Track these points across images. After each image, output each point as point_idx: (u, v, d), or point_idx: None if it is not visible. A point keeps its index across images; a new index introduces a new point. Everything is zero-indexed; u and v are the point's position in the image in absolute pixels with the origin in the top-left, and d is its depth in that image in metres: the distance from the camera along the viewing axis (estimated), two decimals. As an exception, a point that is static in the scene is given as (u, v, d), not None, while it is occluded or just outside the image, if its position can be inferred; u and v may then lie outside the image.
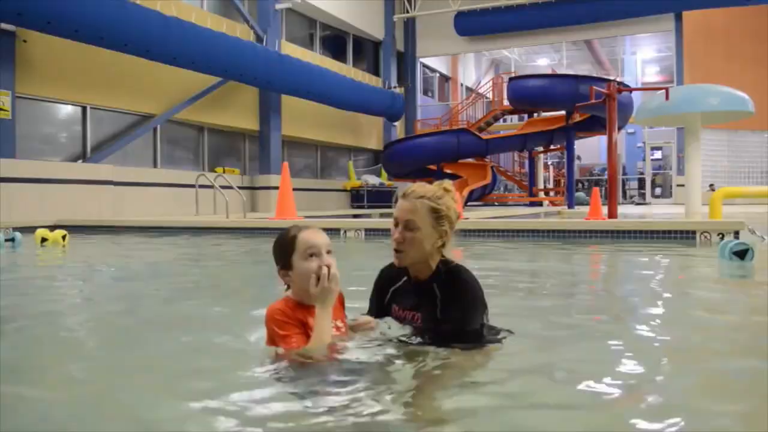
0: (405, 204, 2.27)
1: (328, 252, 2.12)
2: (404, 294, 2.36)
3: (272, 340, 2.09)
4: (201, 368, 2.21)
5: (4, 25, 10.95)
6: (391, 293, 2.41)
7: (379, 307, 2.45)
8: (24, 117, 11.86)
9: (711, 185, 19.17)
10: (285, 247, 2.12)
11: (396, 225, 2.28)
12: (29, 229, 8.70)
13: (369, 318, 2.33)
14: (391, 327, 2.32)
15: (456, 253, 2.36)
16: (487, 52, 29.30)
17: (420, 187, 2.31)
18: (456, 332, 2.19)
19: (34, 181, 11.42)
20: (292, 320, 2.07)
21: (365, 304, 2.55)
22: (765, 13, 20.61)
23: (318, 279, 2.07)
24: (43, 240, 7.76)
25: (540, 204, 21.10)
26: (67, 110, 13.06)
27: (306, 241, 2.09)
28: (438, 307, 2.24)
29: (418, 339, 2.23)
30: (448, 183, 2.34)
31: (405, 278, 2.37)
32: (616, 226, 7.96)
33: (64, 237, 7.86)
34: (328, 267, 2.08)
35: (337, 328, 2.18)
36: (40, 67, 11.98)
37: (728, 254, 5.08)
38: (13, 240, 7.71)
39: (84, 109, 13.24)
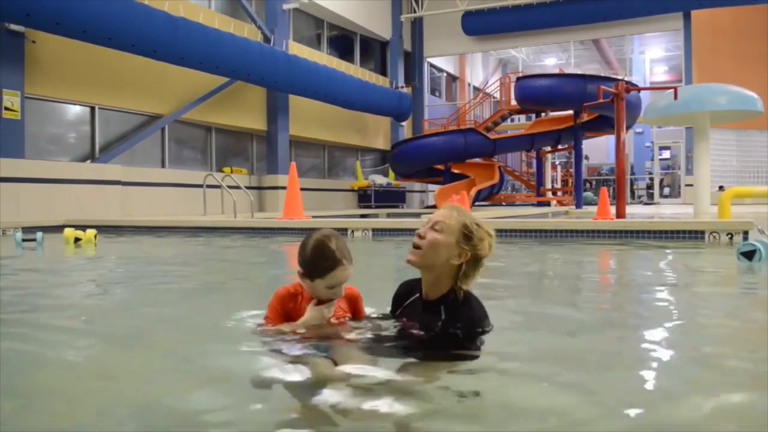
0: (444, 210, 2.35)
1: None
2: (413, 309, 2.41)
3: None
4: (204, 356, 2.28)
5: (13, 26, 11.00)
6: (402, 308, 2.48)
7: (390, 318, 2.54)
8: (33, 117, 11.92)
9: (720, 187, 19.05)
10: (316, 269, 2.30)
11: (426, 224, 2.35)
12: (36, 229, 8.75)
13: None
14: (378, 326, 2.43)
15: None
16: (495, 51, 29.24)
17: (465, 210, 2.37)
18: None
19: (43, 181, 11.47)
20: (284, 308, 2.37)
21: (370, 303, 2.59)
22: (774, 12, 20.50)
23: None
24: (76, 240, 7.86)
25: (547, 204, 21.03)
26: (75, 110, 13.12)
27: (335, 278, 2.30)
28: (438, 328, 2.28)
29: (394, 342, 2.31)
30: (490, 228, 2.35)
31: (417, 295, 2.41)
32: (624, 226, 7.93)
33: (95, 236, 8.00)
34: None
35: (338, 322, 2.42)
36: (48, 68, 12.04)
37: (736, 255, 5.06)
38: (34, 240, 7.72)
39: (92, 109, 13.29)
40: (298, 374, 1.97)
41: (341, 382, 1.89)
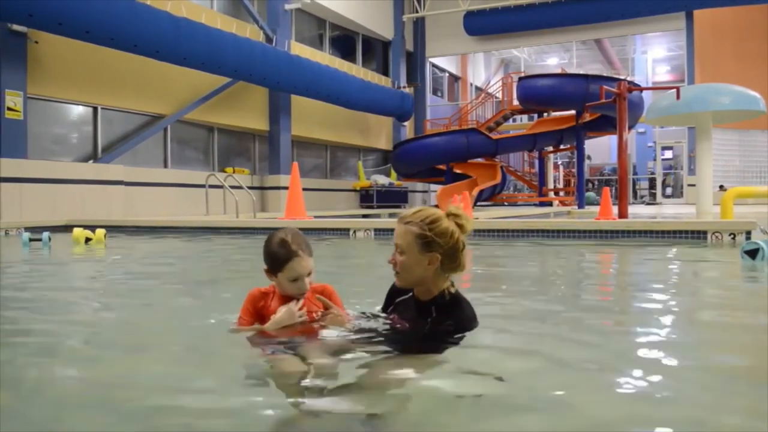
0: (396, 228, 2.36)
1: (309, 274, 2.42)
2: (406, 307, 2.45)
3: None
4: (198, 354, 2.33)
5: (16, 27, 11.03)
6: (395, 304, 2.52)
7: (383, 313, 2.57)
8: (35, 117, 11.93)
9: (721, 186, 18.99)
10: (276, 263, 2.41)
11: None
12: (39, 229, 8.76)
13: (339, 312, 2.48)
14: (360, 323, 2.47)
15: (466, 253, 2.38)
16: (497, 51, 29.23)
17: (414, 212, 2.35)
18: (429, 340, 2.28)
19: (46, 181, 11.49)
20: (255, 307, 2.48)
21: (370, 302, 2.60)
22: (777, 12, 20.46)
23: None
24: (87, 239, 7.89)
25: (550, 204, 21.02)
26: (78, 111, 13.14)
27: (293, 270, 2.39)
28: (428, 325, 2.31)
29: (377, 339, 2.34)
30: (457, 207, 2.37)
31: (411, 294, 2.45)
32: (626, 226, 7.92)
33: (104, 236, 8.09)
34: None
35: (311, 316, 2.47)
36: (51, 68, 12.06)
37: (740, 253, 5.06)
38: (40, 240, 7.71)
39: (95, 109, 13.31)
40: (268, 374, 2.04)
41: (307, 379, 1.92)
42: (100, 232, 8.11)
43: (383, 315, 2.54)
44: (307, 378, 1.94)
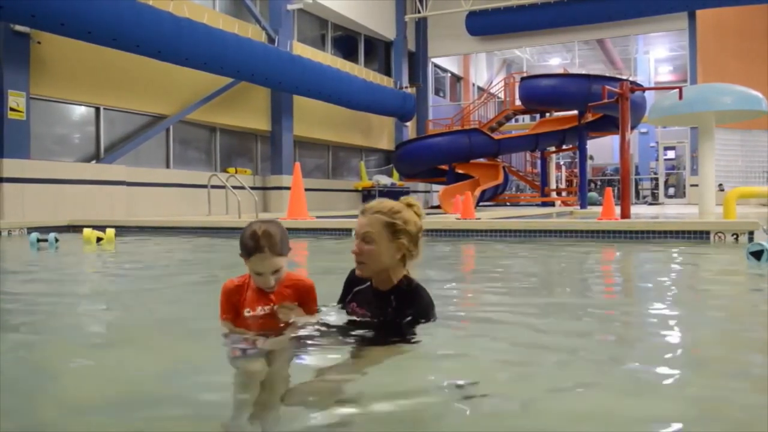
0: (362, 219, 2.42)
1: (275, 272, 2.41)
2: (364, 297, 2.51)
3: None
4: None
5: (19, 27, 11.04)
6: (353, 293, 2.58)
7: (341, 302, 2.65)
8: (38, 118, 11.94)
9: (720, 185, 18.87)
10: (243, 251, 2.43)
11: (356, 238, 2.41)
12: (41, 229, 8.77)
13: (300, 312, 2.50)
14: (323, 316, 2.53)
15: (468, 252, 2.42)
16: (499, 51, 29.21)
17: (378, 203, 2.44)
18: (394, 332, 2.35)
19: (48, 181, 11.50)
20: (229, 302, 2.51)
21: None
22: (780, 12, 20.42)
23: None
24: (98, 239, 7.92)
25: (552, 204, 21.01)
26: (80, 111, 13.15)
27: (256, 265, 2.40)
28: (389, 316, 2.38)
29: (341, 331, 2.40)
30: (411, 198, 2.48)
31: (368, 284, 2.51)
32: (629, 227, 7.91)
33: (114, 235, 8.18)
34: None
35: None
36: (53, 69, 12.07)
37: (746, 255, 5.06)
38: (46, 240, 7.70)
39: (97, 110, 13.33)
40: (234, 372, 2.06)
41: (276, 381, 1.95)
42: (111, 231, 8.13)
43: (341, 306, 2.61)
44: (270, 375, 1.97)
